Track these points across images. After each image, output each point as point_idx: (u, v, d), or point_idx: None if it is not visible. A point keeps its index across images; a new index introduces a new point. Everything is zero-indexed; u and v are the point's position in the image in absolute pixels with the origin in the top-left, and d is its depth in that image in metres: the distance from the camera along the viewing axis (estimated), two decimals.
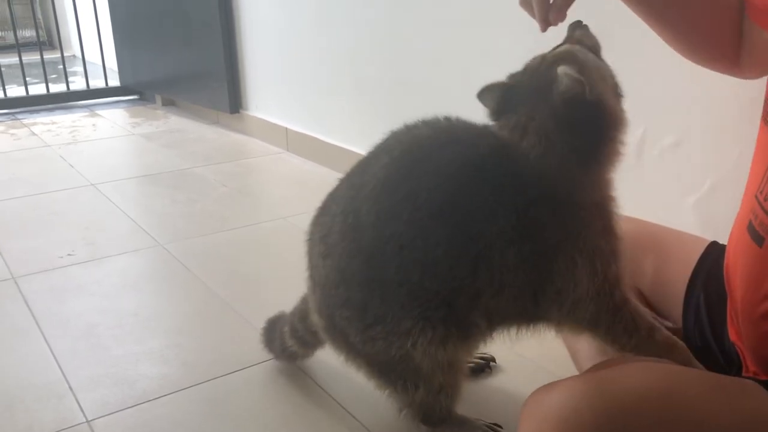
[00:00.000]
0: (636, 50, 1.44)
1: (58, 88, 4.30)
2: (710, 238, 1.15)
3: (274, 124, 3.14)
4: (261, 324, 1.48)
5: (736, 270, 0.94)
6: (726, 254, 1.01)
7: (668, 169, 1.56)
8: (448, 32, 2.10)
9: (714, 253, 1.10)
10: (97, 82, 4.32)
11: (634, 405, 0.77)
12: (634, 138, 1.61)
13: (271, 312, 1.47)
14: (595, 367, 0.94)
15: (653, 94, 1.53)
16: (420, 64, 2.25)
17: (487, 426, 1.20)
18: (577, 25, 1.05)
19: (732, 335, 0.99)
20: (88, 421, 1.29)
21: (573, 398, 0.77)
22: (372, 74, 2.48)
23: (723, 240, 1.07)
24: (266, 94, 3.23)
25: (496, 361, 1.44)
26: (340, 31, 2.60)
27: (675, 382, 0.82)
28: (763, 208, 0.88)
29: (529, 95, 0.98)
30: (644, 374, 0.83)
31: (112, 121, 3.79)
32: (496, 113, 1.02)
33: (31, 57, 4.16)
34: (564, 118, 0.94)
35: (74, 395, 1.37)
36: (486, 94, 1.03)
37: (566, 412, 0.76)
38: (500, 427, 1.21)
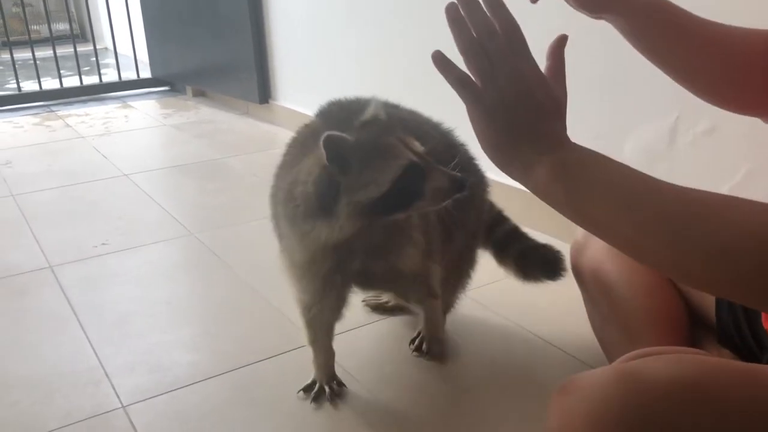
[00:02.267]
0: None
1: (91, 80, 4.37)
2: None
3: (303, 114, 3.15)
4: (290, 312, 1.49)
5: None
6: None
7: (702, 156, 1.53)
8: None
9: None
10: (128, 74, 4.38)
11: (663, 396, 0.76)
12: (666, 125, 1.59)
13: None
14: (625, 358, 0.93)
15: None
16: (449, 55, 2.23)
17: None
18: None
19: (766, 322, 0.98)
20: (123, 407, 1.32)
21: (602, 389, 0.77)
22: (400, 65, 2.48)
23: None
24: (295, 84, 3.25)
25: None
26: (369, 21, 2.60)
27: (705, 372, 0.81)
28: None
29: None
30: (674, 365, 0.82)
31: (144, 113, 3.84)
32: None
33: (65, 50, 4.24)
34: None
35: (110, 381, 1.40)
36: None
37: (595, 404, 0.76)
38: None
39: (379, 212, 1.08)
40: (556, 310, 1.59)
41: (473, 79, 0.72)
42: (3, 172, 2.80)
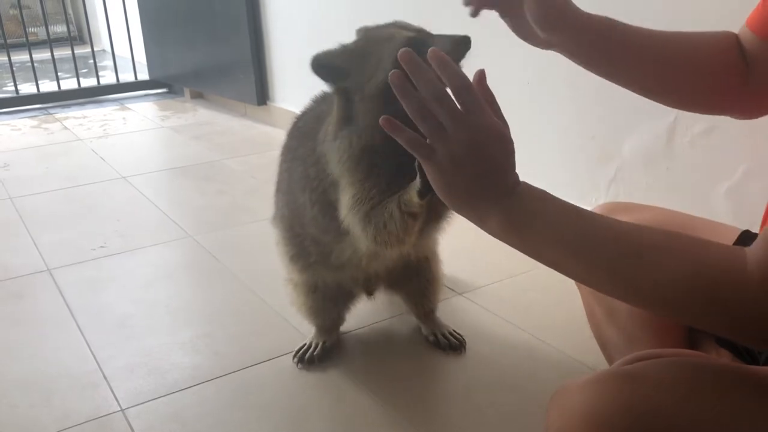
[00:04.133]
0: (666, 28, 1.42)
1: (88, 82, 4.36)
2: (742, 227, 1.13)
3: None
4: (289, 315, 1.49)
5: None
6: None
7: (699, 156, 1.53)
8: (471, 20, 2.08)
9: (747, 242, 1.08)
10: (126, 76, 4.38)
11: (664, 403, 0.75)
12: (664, 125, 1.59)
13: None
14: (624, 361, 0.93)
15: None
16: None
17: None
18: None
19: None
20: (122, 410, 1.32)
21: (601, 393, 0.77)
22: None
23: (755, 229, 1.05)
24: (293, 85, 3.24)
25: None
26: (368, 22, 2.59)
27: (704, 375, 0.81)
28: None
29: None
30: (673, 368, 0.82)
31: (142, 115, 3.83)
32: None
33: (62, 52, 4.23)
34: None
35: (109, 384, 1.40)
36: None
37: (594, 408, 0.75)
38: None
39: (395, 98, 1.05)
40: (555, 311, 1.59)
41: (425, 138, 0.75)
42: (0, 174, 2.79)
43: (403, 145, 0.75)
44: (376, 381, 1.38)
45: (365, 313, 1.61)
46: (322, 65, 1.05)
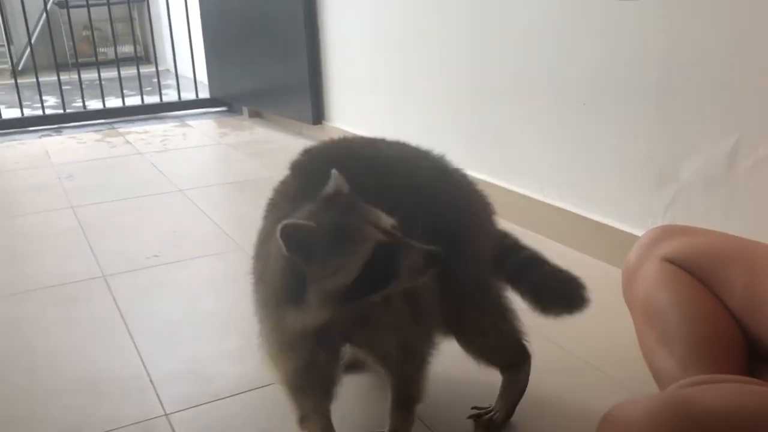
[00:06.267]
0: (731, 50, 1.38)
1: (152, 99, 4.51)
2: None
3: (355, 135, 3.18)
4: None
5: None
6: None
7: (763, 180, 1.48)
8: (528, 44, 2.08)
9: None
10: (188, 95, 4.50)
11: (719, 426, 0.72)
12: (725, 147, 1.54)
13: None
14: (678, 386, 0.89)
15: (748, 98, 1.45)
16: (501, 75, 2.23)
17: None
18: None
19: None
20: (166, 415, 1.34)
21: (655, 417, 0.74)
22: (450, 85, 2.48)
23: None
24: (348, 105, 3.28)
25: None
26: (421, 44, 2.61)
27: (764, 403, 0.77)
28: None
29: None
30: (731, 394, 0.79)
31: (201, 131, 3.93)
32: None
33: (129, 71, 4.39)
34: None
35: (155, 389, 1.42)
36: None
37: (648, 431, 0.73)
38: None
39: (353, 298, 0.99)
40: (606, 336, 1.55)
41: None
42: (64, 184, 2.90)
43: None
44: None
45: None
46: (291, 237, 0.94)
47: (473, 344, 1.26)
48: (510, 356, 1.30)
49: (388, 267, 0.97)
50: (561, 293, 1.28)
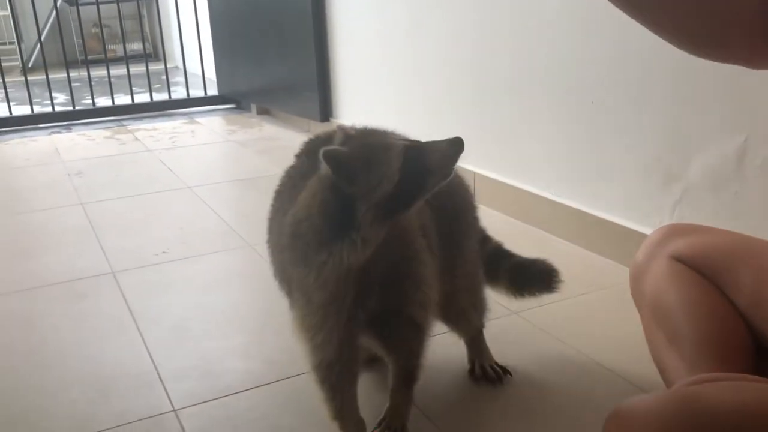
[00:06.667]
0: None
1: (160, 97, 4.53)
2: None
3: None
4: None
5: None
6: None
7: None
8: (537, 41, 2.07)
9: None
10: (196, 92, 4.52)
11: (724, 423, 0.72)
12: (734, 146, 1.54)
13: None
14: (684, 383, 0.89)
15: (757, 97, 1.45)
16: (510, 72, 2.23)
17: None
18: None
19: None
20: (175, 410, 1.34)
21: (661, 414, 0.74)
22: (458, 83, 2.48)
23: None
24: (355, 103, 3.29)
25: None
26: (428, 41, 2.61)
27: None
28: None
29: None
30: (736, 392, 0.79)
31: (210, 128, 3.94)
32: None
33: (138, 68, 4.41)
34: None
35: (163, 385, 1.43)
36: None
37: (654, 428, 0.73)
38: None
39: (400, 207, 1.05)
40: (613, 334, 1.55)
41: None
42: (74, 181, 2.91)
43: None
44: (423, 395, 1.36)
45: None
46: (334, 160, 1.00)
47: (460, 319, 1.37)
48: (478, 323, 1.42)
49: (421, 164, 1.04)
50: (536, 273, 1.42)
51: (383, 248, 1.06)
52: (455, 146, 1.05)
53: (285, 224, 1.13)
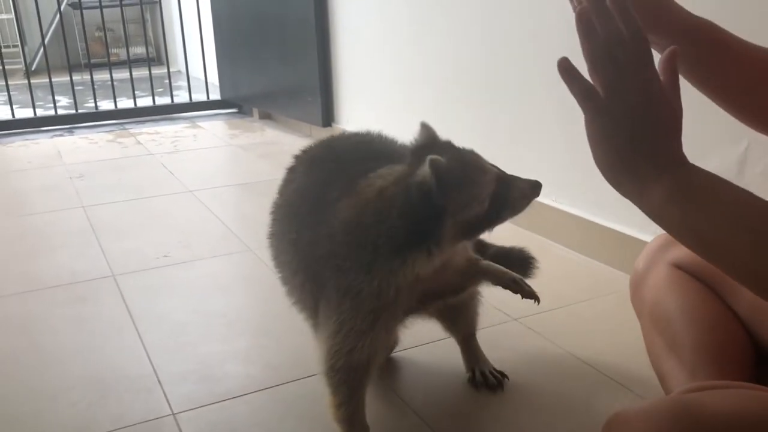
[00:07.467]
0: None
1: (163, 101, 4.54)
2: None
3: None
4: None
5: None
6: None
7: None
8: (546, 45, 2.08)
9: None
10: (199, 96, 4.53)
11: (722, 430, 0.72)
12: (735, 154, 1.54)
13: None
14: (682, 390, 0.89)
15: None
16: (513, 80, 2.23)
17: None
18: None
19: None
20: (173, 414, 1.34)
21: (660, 421, 0.74)
22: (461, 90, 2.48)
23: None
24: (356, 108, 3.29)
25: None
26: (432, 46, 2.62)
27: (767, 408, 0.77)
28: None
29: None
30: (735, 399, 0.79)
31: (212, 133, 3.95)
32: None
33: (140, 72, 4.42)
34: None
35: (162, 389, 1.43)
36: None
37: None
38: None
39: (475, 230, 1.09)
40: (613, 341, 1.54)
41: (598, 90, 0.70)
42: (75, 184, 2.92)
43: (576, 96, 0.71)
44: (423, 401, 1.37)
45: (415, 333, 1.60)
46: (438, 170, 0.99)
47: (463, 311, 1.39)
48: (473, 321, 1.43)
49: (504, 197, 1.07)
50: (513, 260, 1.42)
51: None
52: (535, 189, 1.10)
53: (333, 228, 1.09)
